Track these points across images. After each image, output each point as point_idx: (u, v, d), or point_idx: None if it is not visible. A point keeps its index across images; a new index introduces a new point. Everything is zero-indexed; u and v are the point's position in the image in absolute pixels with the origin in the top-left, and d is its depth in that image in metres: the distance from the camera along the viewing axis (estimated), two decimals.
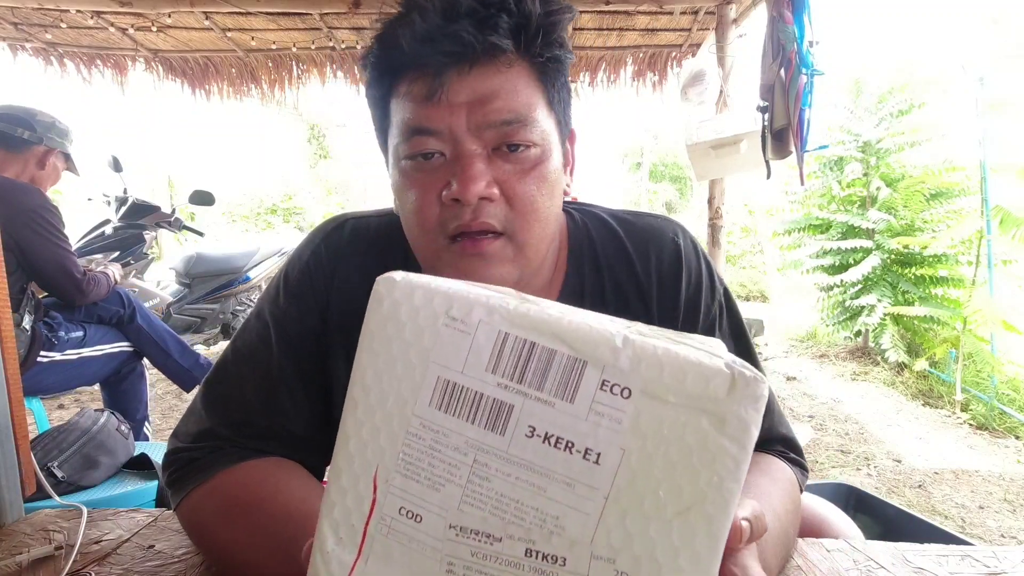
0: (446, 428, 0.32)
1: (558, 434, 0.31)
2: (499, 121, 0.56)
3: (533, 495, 0.31)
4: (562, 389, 0.31)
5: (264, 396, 0.66)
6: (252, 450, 0.64)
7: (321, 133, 12.87)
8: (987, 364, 3.43)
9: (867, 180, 4.38)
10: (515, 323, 0.32)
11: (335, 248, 0.69)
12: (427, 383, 0.32)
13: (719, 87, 3.13)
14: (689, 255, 0.71)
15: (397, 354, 0.33)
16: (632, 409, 0.30)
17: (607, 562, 0.30)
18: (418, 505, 0.32)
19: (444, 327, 0.32)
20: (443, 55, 0.54)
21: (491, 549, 0.31)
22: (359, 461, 0.33)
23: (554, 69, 0.59)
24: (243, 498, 0.59)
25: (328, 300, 0.68)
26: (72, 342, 2.09)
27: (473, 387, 0.32)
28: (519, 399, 0.31)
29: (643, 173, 12.24)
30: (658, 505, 0.30)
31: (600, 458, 0.30)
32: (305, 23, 3.66)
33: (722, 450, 0.30)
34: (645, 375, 0.30)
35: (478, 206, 0.56)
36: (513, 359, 0.31)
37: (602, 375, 0.31)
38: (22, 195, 1.93)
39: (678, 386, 0.30)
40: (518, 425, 0.31)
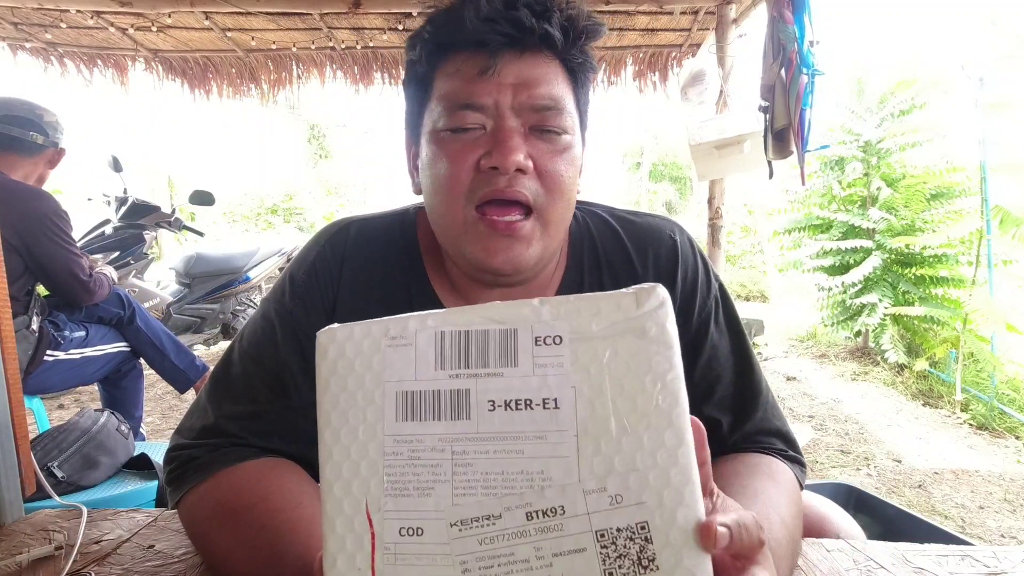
0: (418, 434, 0.33)
1: (515, 397, 0.33)
2: (540, 105, 0.61)
3: (514, 460, 0.32)
4: (504, 358, 0.34)
5: (270, 392, 0.66)
6: (255, 447, 0.65)
7: (321, 133, 12.88)
8: (987, 364, 3.43)
9: (868, 180, 4.38)
10: (448, 321, 0.35)
11: (340, 250, 0.71)
12: (388, 402, 0.34)
13: (719, 87, 3.13)
14: (686, 253, 0.73)
15: (354, 387, 0.35)
16: (568, 351, 0.34)
17: (599, 492, 0.32)
18: (416, 519, 0.33)
19: (388, 347, 0.35)
20: (501, 35, 0.59)
21: (495, 529, 0.32)
22: (348, 502, 0.34)
23: (584, 73, 0.65)
24: (234, 502, 0.59)
25: (335, 301, 0.69)
26: (75, 341, 2.11)
27: (429, 388, 0.34)
28: (471, 382, 0.34)
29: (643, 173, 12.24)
30: (621, 422, 0.32)
31: (557, 402, 0.33)
32: (305, 23, 3.66)
33: (653, 353, 0.33)
34: (568, 320, 0.34)
35: (513, 176, 0.60)
36: (455, 350, 0.34)
37: (533, 333, 0.34)
38: (35, 201, 1.95)
39: (597, 318, 0.34)
40: (479, 404, 0.33)
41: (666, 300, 0.34)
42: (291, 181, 11.57)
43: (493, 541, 0.32)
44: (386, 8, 3.29)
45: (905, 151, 4.27)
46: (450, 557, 0.32)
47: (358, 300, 0.69)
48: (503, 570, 0.32)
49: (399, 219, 0.74)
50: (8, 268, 0.80)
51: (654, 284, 0.35)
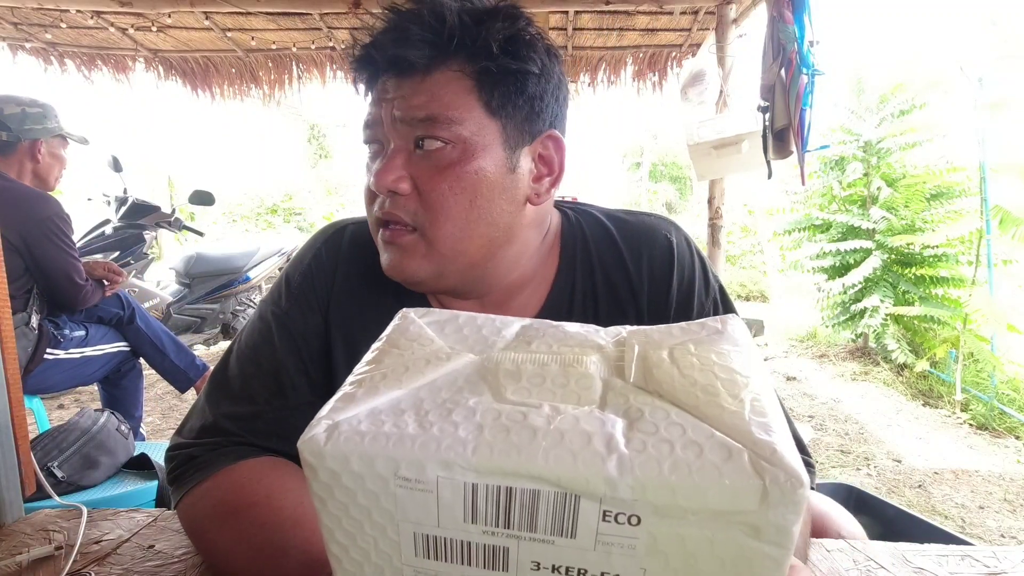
0: (444, 571, 0.28)
1: (567, 564, 0.27)
2: (412, 117, 0.60)
3: None
4: (558, 527, 0.26)
5: (269, 393, 0.66)
6: (255, 447, 0.65)
7: (321, 133, 12.88)
8: (987, 364, 3.43)
9: (868, 180, 4.38)
10: (481, 471, 0.26)
11: (335, 252, 0.71)
12: (404, 539, 0.28)
13: (719, 87, 3.13)
14: (682, 252, 0.71)
15: (360, 517, 0.28)
16: (645, 535, 0.25)
17: None
18: None
19: (399, 488, 0.27)
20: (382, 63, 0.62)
21: None
22: None
23: (494, 77, 0.61)
24: (235, 501, 0.59)
25: (329, 301, 0.69)
26: (75, 341, 2.12)
27: (457, 537, 0.27)
28: (512, 542, 0.27)
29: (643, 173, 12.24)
30: None
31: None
32: (305, 23, 3.66)
33: (760, 555, 0.25)
34: (654, 501, 0.25)
35: (388, 198, 0.62)
36: (492, 507, 0.26)
37: (601, 507, 0.25)
38: (39, 204, 1.95)
39: (697, 507, 0.25)
40: (519, 564, 0.27)
41: (801, 502, 0.24)
42: (291, 181, 11.56)
43: None
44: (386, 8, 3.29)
45: (905, 151, 4.27)
46: None
47: (352, 302, 0.69)
48: None
49: None
50: (8, 268, 0.80)
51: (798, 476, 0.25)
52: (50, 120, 2.07)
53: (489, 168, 0.61)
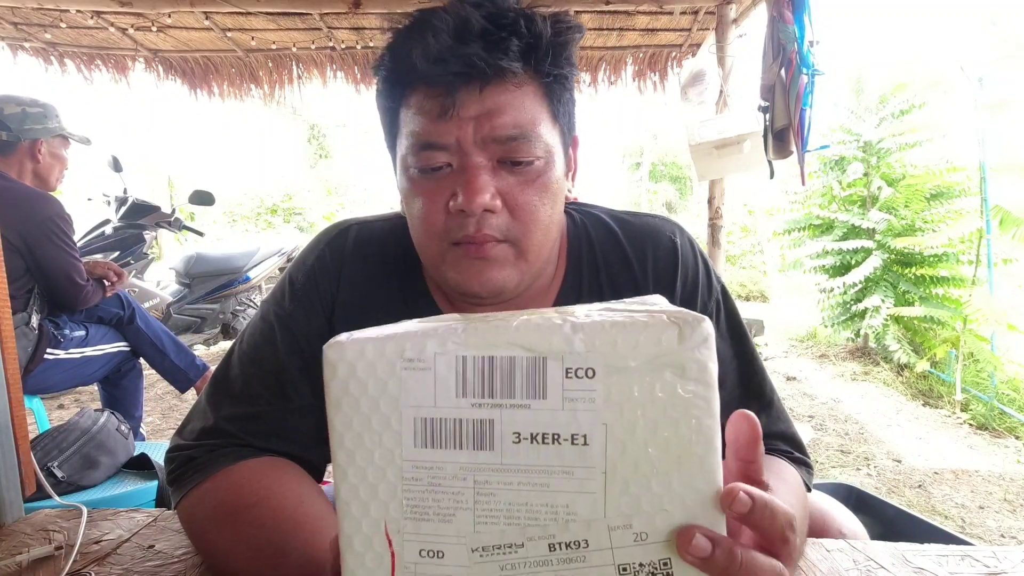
0: (438, 461, 0.33)
1: (542, 431, 0.32)
2: (504, 136, 0.58)
3: (539, 494, 0.32)
4: (532, 389, 0.32)
5: (270, 393, 0.66)
6: (255, 448, 0.65)
7: (321, 133, 12.88)
8: (987, 364, 3.43)
9: (867, 180, 4.38)
10: (469, 344, 0.32)
11: (339, 253, 0.71)
12: (406, 428, 0.33)
13: (719, 87, 3.13)
14: (686, 254, 0.71)
15: (368, 411, 0.33)
16: (601, 386, 0.32)
17: (624, 529, 0.32)
18: (436, 542, 0.33)
19: (404, 370, 0.33)
20: (454, 75, 0.56)
21: (517, 557, 0.32)
22: (366, 523, 0.33)
23: (561, 86, 0.62)
24: (234, 502, 0.59)
25: (333, 303, 0.69)
26: (75, 340, 2.12)
27: (450, 416, 0.32)
28: (496, 412, 0.32)
29: (643, 173, 12.24)
30: (652, 462, 0.32)
31: (587, 439, 0.32)
32: (305, 23, 3.66)
33: (692, 394, 0.32)
34: (602, 351, 0.32)
35: (481, 217, 0.58)
36: (478, 378, 0.32)
37: (563, 364, 0.32)
38: (40, 204, 1.95)
39: (634, 351, 0.32)
40: (503, 436, 0.32)
41: (710, 336, 0.32)
42: (291, 181, 11.57)
43: (515, 568, 0.32)
44: (386, 8, 3.29)
45: (905, 151, 4.27)
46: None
47: (356, 303, 0.69)
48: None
49: (400, 223, 0.73)
50: (9, 268, 0.80)
51: (700, 317, 0.32)
52: (51, 120, 2.07)
53: (559, 174, 0.63)
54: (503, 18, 0.57)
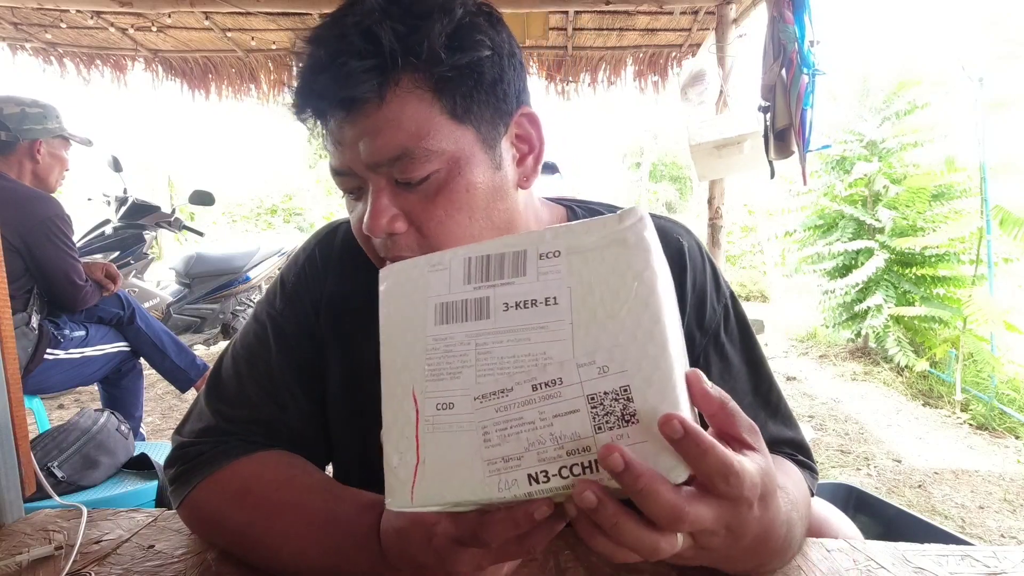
0: (450, 333, 0.42)
1: (524, 298, 0.41)
2: (385, 159, 0.55)
3: (523, 346, 0.40)
4: (515, 271, 0.42)
5: (265, 394, 0.67)
6: (260, 444, 0.66)
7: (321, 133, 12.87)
8: (987, 364, 3.43)
9: (869, 179, 4.38)
10: (473, 250, 0.44)
11: (327, 252, 0.72)
12: (429, 312, 0.43)
13: (719, 87, 3.13)
14: (694, 257, 0.70)
15: (405, 306, 0.45)
16: (565, 261, 0.42)
17: (589, 365, 0.39)
18: (447, 395, 0.41)
19: (430, 273, 0.44)
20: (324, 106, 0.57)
21: (508, 399, 0.40)
22: (399, 390, 0.43)
23: (453, 79, 0.55)
24: (269, 478, 0.61)
25: (321, 301, 0.70)
26: (75, 341, 2.12)
27: (459, 298, 0.43)
28: (490, 291, 0.42)
29: (643, 173, 12.23)
30: (606, 309, 0.40)
31: (556, 300, 0.41)
32: (305, 23, 3.66)
33: (632, 256, 0.41)
34: (566, 239, 0.42)
35: (388, 239, 0.58)
36: (479, 269, 0.43)
37: (538, 250, 0.43)
38: (39, 204, 1.95)
39: (588, 236, 0.42)
40: (496, 307, 0.42)
41: (644, 216, 0.42)
42: (291, 181, 11.57)
43: (507, 409, 0.40)
44: None
45: (907, 151, 4.27)
46: (474, 425, 0.40)
47: (344, 298, 0.70)
48: (514, 431, 0.39)
49: None
50: (9, 268, 0.80)
51: (634, 207, 0.42)
52: (50, 120, 2.07)
53: (478, 178, 0.58)
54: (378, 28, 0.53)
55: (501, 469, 0.39)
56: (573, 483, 0.37)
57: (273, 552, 0.58)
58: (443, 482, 0.40)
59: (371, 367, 0.68)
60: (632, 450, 0.36)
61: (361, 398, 0.68)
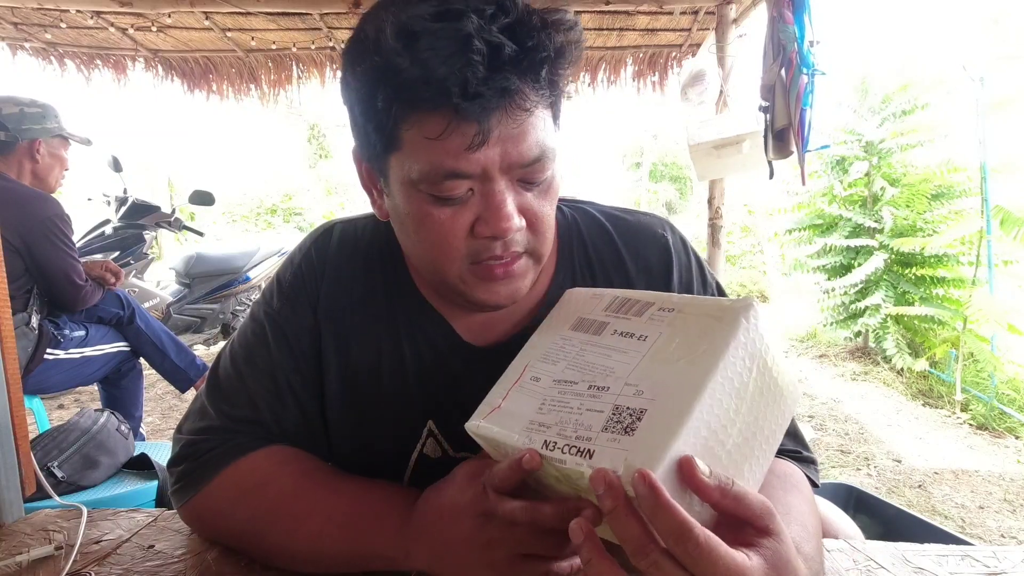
0: (572, 337, 0.57)
1: (627, 330, 0.55)
2: (529, 160, 0.55)
3: (604, 359, 0.53)
4: (637, 313, 0.56)
5: (267, 393, 0.67)
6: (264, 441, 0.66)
7: (321, 133, 12.87)
8: (987, 364, 3.43)
9: (869, 180, 4.37)
10: (624, 293, 0.60)
11: (324, 251, 0.73)
12: (571, 320, 0.59)
13: (719, 87, 3.13)
14: (678, 251, 0.73)
15: (565, 312, 0.62)
16: (672, 316, 0.54)
17: (633, 386, 0.48)
18: (541, 373, 0.55)
19: (590, 298, 0.62)
20: (489, 109, 0.52)
21: (570, 388, 0.52)
22: (522, 359, 0.58)
23: (559, 92, 0.59)
24: (287, 469, 0.64)
25: (318, 299, 0.70)
26: (75, 341, 2.12)
27: (592, 318, 0.58)
28: (613, 319, 0.57)
29: (643, 173, 12.23)
30: (673, 356, 0.49)
31: (646, 338, 0.53)
32: (305, 23, 3.66)
33: (717, 329, 0.50)
34: (684, 302, 0.55)
35: (506, 238, 0.57)
36: (617, 305, 0.58)
37: (660, 305, 0.56)
38: (39, 204, 1.95)
39: (702, 306, 0.53)
40: (608, 330, 0.56)
41: (752, 306, 0.51)
42: (291, 181, 11.56)
43: (564, 394, 0.51)
44: None
45: (907, 151, 4.26)
46: (541, 395, 0.53)
47: (339, 297, 0.70)
48: (558, 409, 0.50)
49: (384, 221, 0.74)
50: (9, 268, 0.80)
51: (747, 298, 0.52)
52: (49, 120, 2.06)
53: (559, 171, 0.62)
54: (528, 36, 0.52)
55: (533, 429, 0.49)
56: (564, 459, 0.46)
57: (289, 546, 0.59)
58: (500, 422, 0.52)
59: (366, 366, 0.69)
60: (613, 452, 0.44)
61: (357, 397, 0.69)
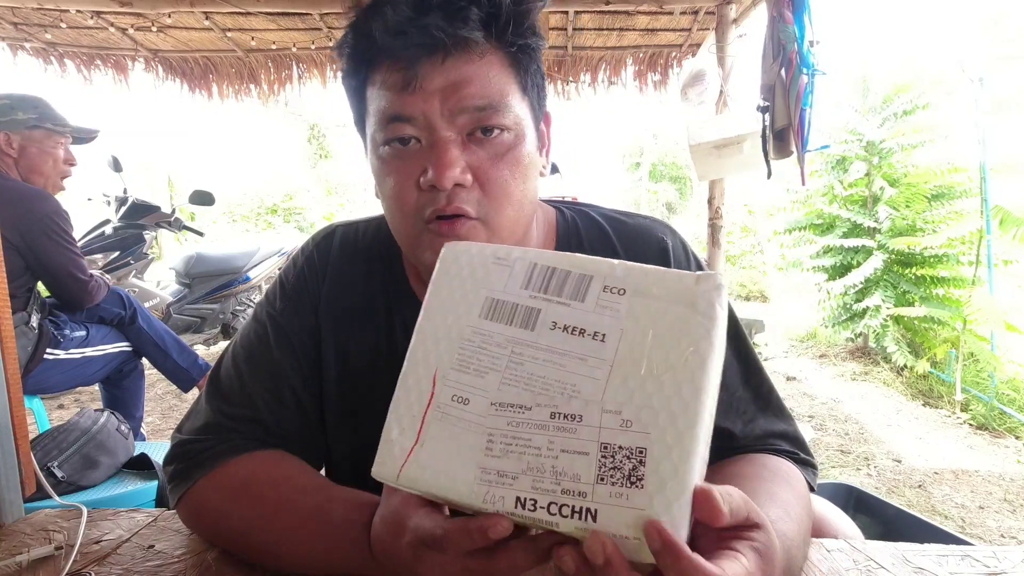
0: (491, 331, 0.42)
1: (573, 324, 0.40)
2: (472, 107, 0.57)
3: (555, 370, 0.39)
4: (575, 294, 0.41)
5: (265, 393, 0.67)
6: (260, 442, 0.66)
7: (321, 133, 12.87)
8: (987, 364, 3.43)
9: (869, 180, 4.37)
10: (542, 258, 0.43)
11: (325, 254, 0.74)
12: (478, 302, 0.43)
13: (719, 87, 3.13)
14: (678, 255, 0.72)
15: (456, 287, 0.44)
16: (627, 302, 0.40)
17: (614, 414, 0.38)
18: (467, 391, 0.40)
19: (492, 264, 0.44)
20: (415, 47, 0.55)
21: (523, 417, 0.39)
22: (423, 366, 0.42)
23: (526, 56, 0.61)
24: (265, 476, 0.61)
25: (320, 300, 0.71)
26: (75, 341, 2.11)
27: (511, 300, 0.42)
28: (544, 304, 0.42)
29: (643, 173, 12.23)
30: (651, 366, 0.38)
31: (605, 337, 0.39)
32: (305, 23, 3.66)
33: (695, 323, 0.39)
34: (635, 279, 0.41)
35: (452, 192, 0.58)
36: (540, 279, 0.42)
37: (604, 282, 0.41)
38: (37, 201, 1.93)
39: (659, 285, 0.40)
40: (543, 322, 0.41)
41: (722, 286, 0.40)
42: (291, 181, 11.56)
43: (518, 425, 0.39)
44: None
45: (907, 152, 4.26)
46: (482, 428, 0.39)
47: (340, 299, 0.71)
48: (518, 449, 0.38)
49: (382, 223, 0.75)
50: (9, 267, 0.80)
51: (714, 273, 0.40)
52: (20, 112, 1.98)
53: (531, 149, 0.62)
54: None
55: (493, 481, 0.38)
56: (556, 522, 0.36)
57: (272, 549, 0.58)
58: (433, 471, 0.39)
59: (365, 368, 0.69)
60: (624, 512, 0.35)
61: (355, 399, 0.69)
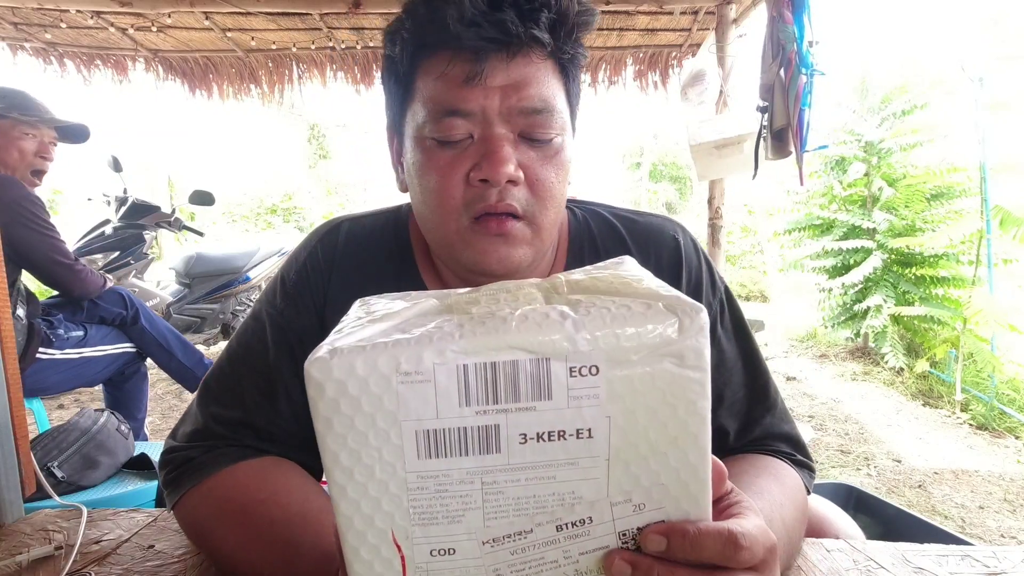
0: (444, 469, 0.32)
1: (548, 430, 0.32)
2: (530, 108, 0.58)
3: (546, 485, 0.33)
4: (537, 392, 0.32)
5: (261, 395, 0.66)
6: (250, 448, 0.64)
7: (321, 133, 12.87)
8: (987, 364, 3.43)
9: (868, 180, 4.37)
10: (469, 351, 0.31)
11: (331, 250, 0.70)
12: (407, 441, 0.31)
13: (719, 87, 3.13)
14: (689, 254, 0.72)
15: (364, 428, 0.31)
16: (604, 382, 0.32)
17: (625, 503, 0.34)
18: (446, 541, 0.33)
19: (401, 384, 0.31)
20: (486, 40, 0.55)
21: (527, 541, 0.34)
22: (371, 533, 0.33)
23: (574, 67, 0.62)
24: (240, 499, 0.59)
25: (325, 300, 0.68)
26: (72, 341, 2.09)
27: (454, 425, 0.31)
28: (502, 417, 0.32)
29: (643, 173, 12.23)
30: (651, 444, 0.33)
31: (592, 432, 0.32)
32: (305, 23, 3.66)
33: (687, 380, 0.33)
34: (605, 349, 0.32)
35: (504, 188, 0.58)
36: (481, 385, 0.31)
37: (567, 363, 0.32)
38: (3, 189, 1.87)
39: (635, 345, 0.32)
40: (509, 439, 0.32)
41: (706, 325, 0.33)
42: (291, 181, 11.56)
43: (525, 551, 0.34)
44: (386, 8, 3.29)
45: (906, 152, 4.26)
46: (483, 568, 0.34)
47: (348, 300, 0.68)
48: (534, 570, 0.34)
49: (391, 218, 0.73)
50: None
51: (696, 306, 0.33)
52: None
53: (571, 153, 0.64)
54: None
55: None
56: None
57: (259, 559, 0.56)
58: None
59: None
60: None
61: None
